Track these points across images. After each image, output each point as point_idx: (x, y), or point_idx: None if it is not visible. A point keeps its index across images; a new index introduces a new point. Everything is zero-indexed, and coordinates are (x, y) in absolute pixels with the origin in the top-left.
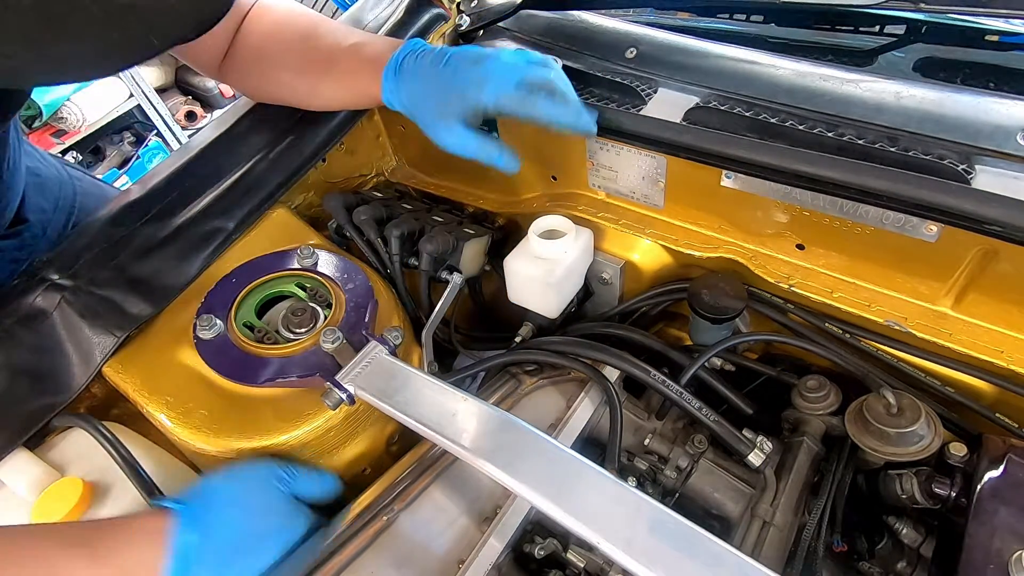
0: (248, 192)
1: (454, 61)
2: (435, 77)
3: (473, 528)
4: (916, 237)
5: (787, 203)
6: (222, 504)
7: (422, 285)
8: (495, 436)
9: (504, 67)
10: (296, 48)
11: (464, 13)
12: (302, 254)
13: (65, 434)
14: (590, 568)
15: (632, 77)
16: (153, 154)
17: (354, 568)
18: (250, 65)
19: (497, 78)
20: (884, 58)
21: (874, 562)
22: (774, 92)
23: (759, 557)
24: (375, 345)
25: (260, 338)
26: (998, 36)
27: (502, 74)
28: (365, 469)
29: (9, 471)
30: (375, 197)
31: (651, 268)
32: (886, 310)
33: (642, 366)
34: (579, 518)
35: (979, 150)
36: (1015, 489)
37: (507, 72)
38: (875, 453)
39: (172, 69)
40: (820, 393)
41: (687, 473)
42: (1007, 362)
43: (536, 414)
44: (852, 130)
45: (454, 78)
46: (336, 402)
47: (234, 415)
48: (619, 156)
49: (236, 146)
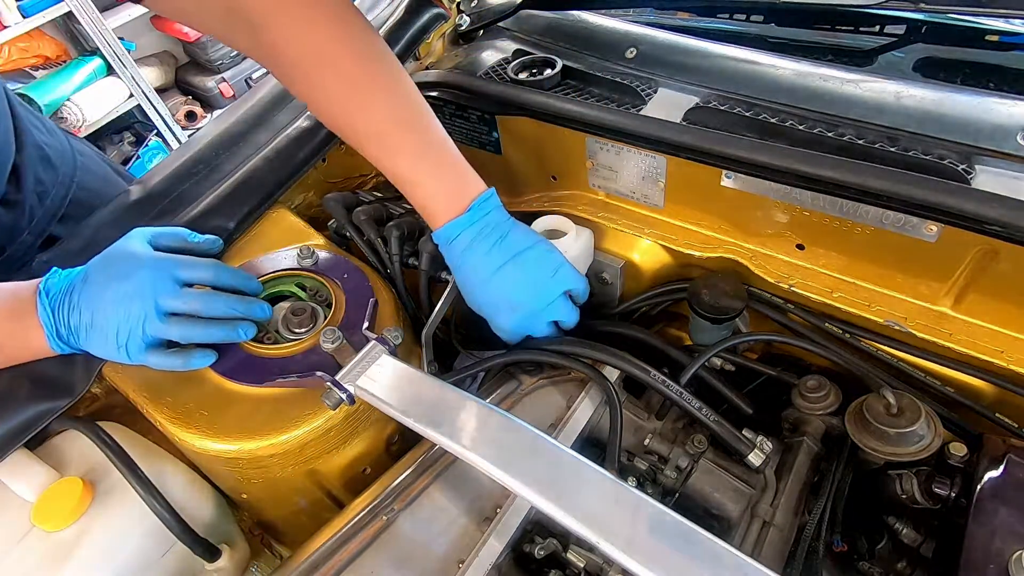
0: (248, 192)
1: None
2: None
3: (473, 528)
4: (916, 237)
5: (787, 203)
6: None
7: (422, 285)
8: (495, 436)
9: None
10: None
11: (464, 13)
12: (302, 254)
13: (65, 435)
14: (590, 568)
15: (632, 77)
16: (153, 154)
17: (354, 568)
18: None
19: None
20: (884, 58)
21: (874, 562)
22: (774, 92)
23: (759, 557)
24: (375, 345)
25: (260, 338)
26: (998, 36)
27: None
28: (365, 469)
29: (9, 471)
30: (375, 197)
31: (651, 268)
32: (886, 310)
33: (642, 366)
34: (579, 518)
35: (979, 150)
36: (1015, 489)
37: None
38: (875, 453)
39: (172, 69)
40: (820, 393)
41: (687, 473)
42: (1007, 362)
43: (536, 414)
44: (852, 130)
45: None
46: (336, 402)
47: (234, 415)
48: (619, 156)
49: (236, 146)
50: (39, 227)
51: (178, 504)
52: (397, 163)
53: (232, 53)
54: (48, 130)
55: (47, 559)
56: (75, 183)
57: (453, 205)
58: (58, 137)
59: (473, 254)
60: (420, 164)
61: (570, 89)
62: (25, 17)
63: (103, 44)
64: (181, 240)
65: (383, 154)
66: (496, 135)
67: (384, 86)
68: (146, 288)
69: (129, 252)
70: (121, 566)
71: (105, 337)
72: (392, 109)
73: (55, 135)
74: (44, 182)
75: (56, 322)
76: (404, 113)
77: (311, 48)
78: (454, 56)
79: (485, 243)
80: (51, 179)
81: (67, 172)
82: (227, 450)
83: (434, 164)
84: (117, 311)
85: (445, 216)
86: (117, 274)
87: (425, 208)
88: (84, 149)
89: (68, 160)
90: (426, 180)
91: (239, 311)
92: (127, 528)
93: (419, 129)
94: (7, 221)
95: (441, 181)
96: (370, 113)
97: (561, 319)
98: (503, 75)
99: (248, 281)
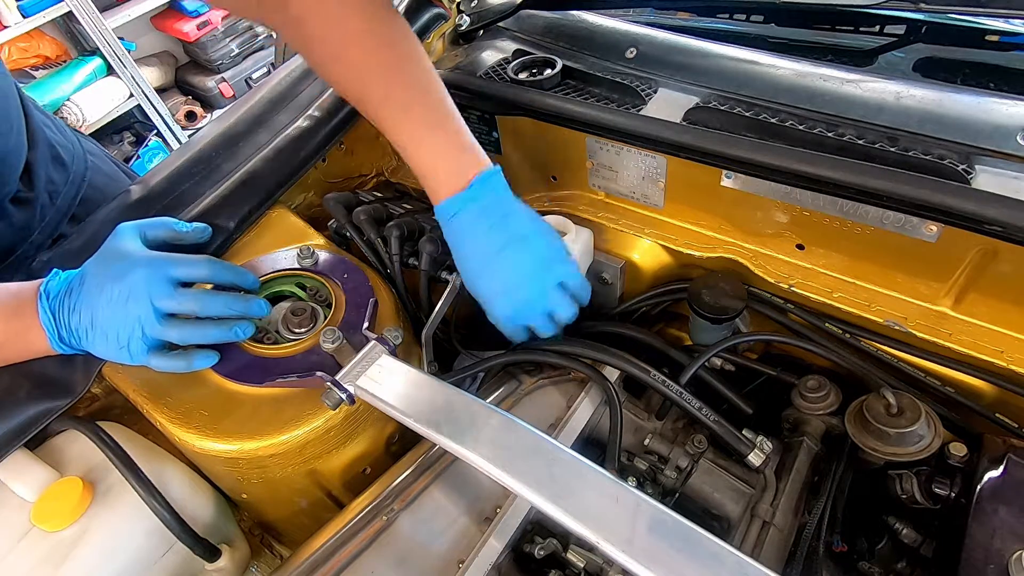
0: (248, 192)
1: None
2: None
3: (473, 528)
4: (916, 237)
5: (787, 203)
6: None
7: (422, 285)
8: (495, 436)
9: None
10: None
11: (464, 13)
12: (302, 254)
13: (65, 434)
14: (590, 568)
15: (632, 77)
16: (153, 154)
17: (354, 568)
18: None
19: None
20: (884, 58)
21: (874, 562)
22: (774, 92)
23: (759, 557)
24: (375, 345)
25: (260, 338)
26: (998, 36)
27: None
28: (365, 469)
29: (9, 471)
30: (375, 197)
31: (651, 268)
32: (886, 310)
33: (642, 366)
34: (579, 518)
35: (979, 150)
36: (1015, 489)
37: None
38: (875, 453)
39: (172, 69)
40: (820, 393)
41: (687, 473)
42: (1007, 362)
43: (536, 414)
44: (852, 130)
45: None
46: (336, 402)
47: (234, 415)
48: (619, 156)
49: (236, 146)
50: (50, 226)
51: (178, 504)
52: (405, 131)
53: (232, 53)
54: (59, 129)
55: (47, 559)
56: (86, 182)
57: (455, 180)
58: (69, 136)
59: (474, 232)
60: (427, 135)
61: (570, 89)
62: (25, 17)
63: (103, 44)
64: (169, 230)
65: (393, 123)
66: (496, 135)
67: (403, 60)
68: (141, 290)
69: (122, 251)
70: (121, 566)
71: (106, 338)
72: (407, 83)
73: (66, 134)
74: (55, 181)
75: (57, 324)
76: (419, 86)
77: (338, 28)
78: (454, 56)
79: (486, 222)
80: (62, 178)
81: (78, 171)
82: (227, 450)
83: (441, 137)
84: (115, 314)
85: (447, 190)
86: (111, 275)
87: (426, 178)
88: (93, 148)
89: (79, 159)
90: (431, 150)
91: (237, 310)
92: (127, 528)
93: (431, 104)
94: (20, 219)
95: (445, 154)
96: (387, 84)
97: (557, 311)
98: (503, 75)
99: (243, 276)
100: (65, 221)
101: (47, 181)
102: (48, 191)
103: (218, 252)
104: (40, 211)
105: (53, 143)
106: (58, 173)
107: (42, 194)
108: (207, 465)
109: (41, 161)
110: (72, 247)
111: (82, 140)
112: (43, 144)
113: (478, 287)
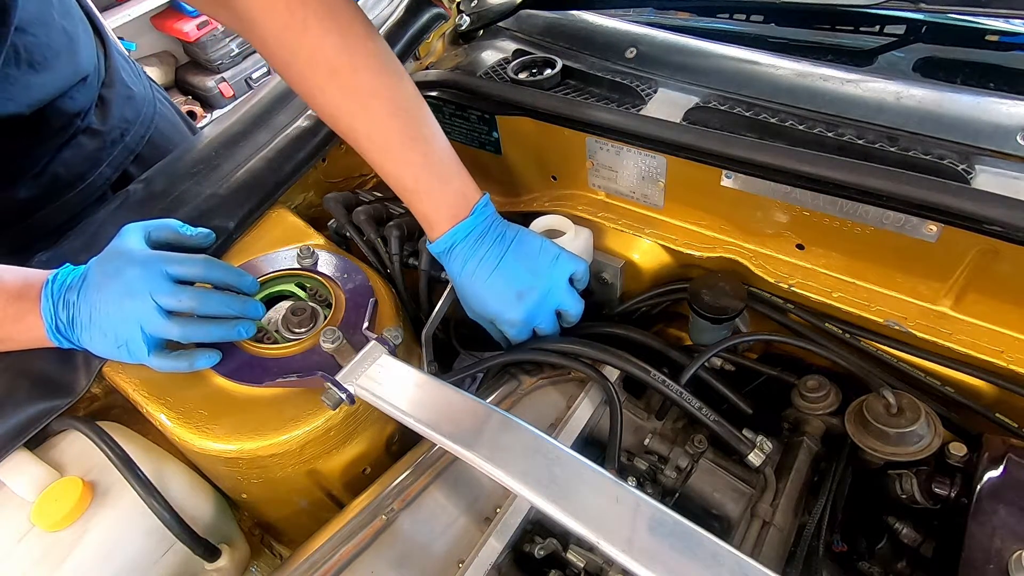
0: (248, 192)
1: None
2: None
3: (473, 528)
4: (916, 237)
5: (787, 203)
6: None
7: (422, 285)
8: (495, 436)
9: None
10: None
11: (464, 13)
12: (302, 254)
13: (65, 434)
14: (590, 568)
15: (632, 77)
16: None
17: (354, 568)
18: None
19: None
20: (884, 58)
21: (874, 562)
22: (774, 92)
23: (759, 557)
24: (375, 345)
25: (260, 338)
26: (998, 36)
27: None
28: (365, 469)
29: (9, 471)
30: (375, 197)
31: (651, 268)
32: (886, 310)
33: (642, 366)
34: (579, 518)
35: (979, 150)
36: (1015, 489)
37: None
38: (875, 453)
39: (172, 69)
40: (820, 393)
41: (687, 473)
42: (1007, 362)
43: (536, 414)
44: (852, 130)
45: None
46: (336, 402)
47: (234, 415)
48: (619, 156)
49: (236, 146)
50: (117, 161)
51: (178, 504)
52: (394, 172)
53: (232, 53)
54: (135, 72)
55: (47, 559)
56: (154, 124)
57: (455, 213)
58: (143, 81)
59: (474, 256)
60: (423, 175)
61: (570, 89)
62: None
63: None
64: (173, 232)
65: (382, 162)
66: (496, 135)
67: (384, 91)
68: (139, 286)
69: (123, 250)
70: (121, 566)
71: (104, 335)
72: (392, 114)
73: (140, 79)
74: (128, 119)
75: (56, 314)
76: (403, 119)
77: (304, 50)
78: (454, 56)
79: (484, 244)
80: (133, 118)
81: (148, 114)
82: (227, 450)
83: (437, 176)
84: (113, 310)
85: (447, 224)
86: (111, 272)
87: (427, 218)
88: (162, 97)
89: (149, 104)
90: (428, 195)
91: (235, 310)
92: (127, 528)
93: (420, 138)
94: (91, 148)
95: (443, 193)
96: (370, 119)
97: (566, 306)
98: (503, 75)
99: (240, 277)
100: (131, 159)
101: (120, 119)
102: (120, 128)
103: (218, 252)
104: (110, 145)
105: (129, 83)
106: (130, 113)
107: (114, 130)
108: (207, 465)
109: (117, 99)
110: (72, 247)
111: (153, 87)
112: (119, 83)
113: (488, 303)
